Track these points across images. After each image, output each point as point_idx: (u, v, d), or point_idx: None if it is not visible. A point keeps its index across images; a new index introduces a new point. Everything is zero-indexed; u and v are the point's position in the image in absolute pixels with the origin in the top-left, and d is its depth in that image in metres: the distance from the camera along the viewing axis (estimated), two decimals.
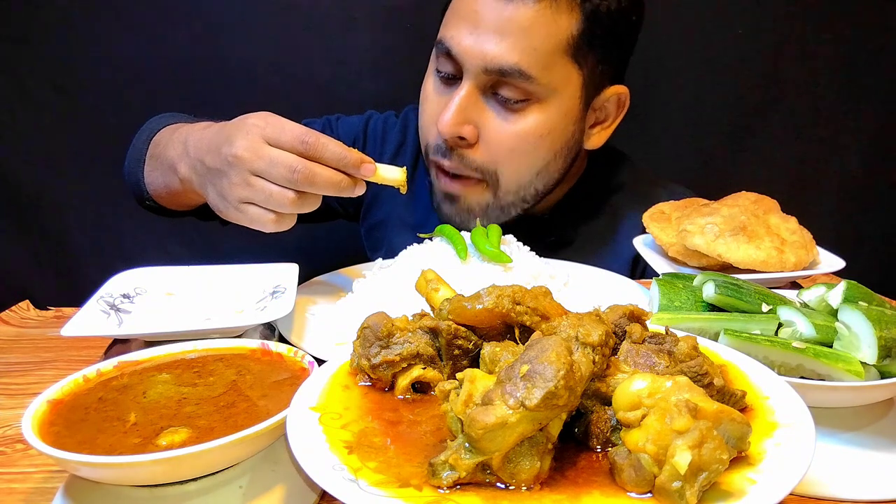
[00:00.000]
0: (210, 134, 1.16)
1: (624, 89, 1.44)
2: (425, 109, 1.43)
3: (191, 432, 0.65)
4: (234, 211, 1.11)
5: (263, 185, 1.06)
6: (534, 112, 1.33)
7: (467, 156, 1.36)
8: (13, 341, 1.13)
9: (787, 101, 2.16)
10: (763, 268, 1.15)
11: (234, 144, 1.07)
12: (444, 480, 0.51)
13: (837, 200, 2.26)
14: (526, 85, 1.29)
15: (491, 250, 1.15)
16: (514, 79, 1.28)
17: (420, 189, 1.64)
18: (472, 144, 1.35)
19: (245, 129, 1.08)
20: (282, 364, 0.79)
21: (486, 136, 1.34)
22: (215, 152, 1.11)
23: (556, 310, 0.68)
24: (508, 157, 1.36)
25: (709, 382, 0.60)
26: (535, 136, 1.35)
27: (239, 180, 1.07)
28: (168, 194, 1.37)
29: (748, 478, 0.51)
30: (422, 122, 1.45)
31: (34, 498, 0.72)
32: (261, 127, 1.07)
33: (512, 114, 1.33)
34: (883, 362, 0.76)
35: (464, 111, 1.31)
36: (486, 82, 1.31)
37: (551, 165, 1.41)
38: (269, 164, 1.05)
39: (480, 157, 1.36)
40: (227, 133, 1.10)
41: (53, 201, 2.12)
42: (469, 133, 1.33)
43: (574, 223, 1.56)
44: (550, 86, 1.31)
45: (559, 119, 1.36)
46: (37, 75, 2.02)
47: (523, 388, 0.51)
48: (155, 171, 1.36)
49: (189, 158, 1.20)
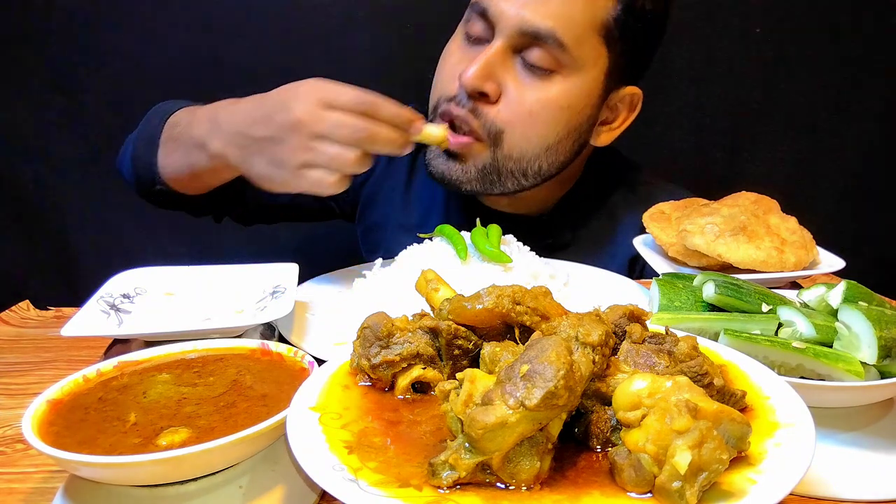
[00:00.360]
0: (248, 107, 1.18)
1: (638, 91, 1.45)
2: (445, 64, 1.40)
3: (191, 432, 0.65)
4: (292, 177, 1.13)
5: (326, 148, 1.09)
6: (558, 82, 1.33)
7: (482, 111, 1.33)
8: (13, 341, 1.13)
9: (787, 101, 2.16)
10: (763, 268, 1.15)
11: (292, 110, 1.10)
12: (444, 480, 0.51)
13: (837, 200, 2.26)
14: (557, 53, 1.29)
15: (491, 250, 1.15)
16: (546, 45, 1.28)
17: (418, 191, 1.64)
18: (492, 103, 1.33)
19: (300, 94, 1.12)
20: (282, 364, 0.79)
21: (508, 95, 1.32)
22: (265, 121, 1.13)
23: (556, 310, 0.68)
24: (524, 120, 1.33)
25: (709, 382, 0.60)
26: (556, 106, 1.34)
27: (300, 144, 1.10)
28: (190, 175, 1.35)
29: (748, 478, 0.51)
30: (439, 77, 1.42)
31: (34, 498, 0.72)
32: (317, 91, 1.11)
33: (537, 80, 1.32)
34: (883, 362, 0.76)
35: (490, 66, 1.30)
36: (518, 44, 1.30)
37: (560, 145, 1.39)
38: (333, 126, 1.08)
39: (495, 116, 1.33)
40: (279, 100, 1.13)
41: (53, 201, 2.13)
42: (492, 90, 1.31)
43: (571, 226, 1.56)
44: (579, 60, 1.32)
45: (580, 96, 1.36)
46: (37, 75, 2.02)
47: (523, 388, 0.51)
48: (175, 152, 1.34)
49: (223, 133, 1.20)
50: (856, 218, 2.29)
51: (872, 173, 2.24)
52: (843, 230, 2.24)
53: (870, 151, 2.22)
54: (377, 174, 1.67)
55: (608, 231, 1.55)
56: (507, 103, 1.32)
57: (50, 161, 2.09)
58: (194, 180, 1.37)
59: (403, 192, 1.65)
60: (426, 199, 1.63)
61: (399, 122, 1.14)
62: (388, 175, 1.66)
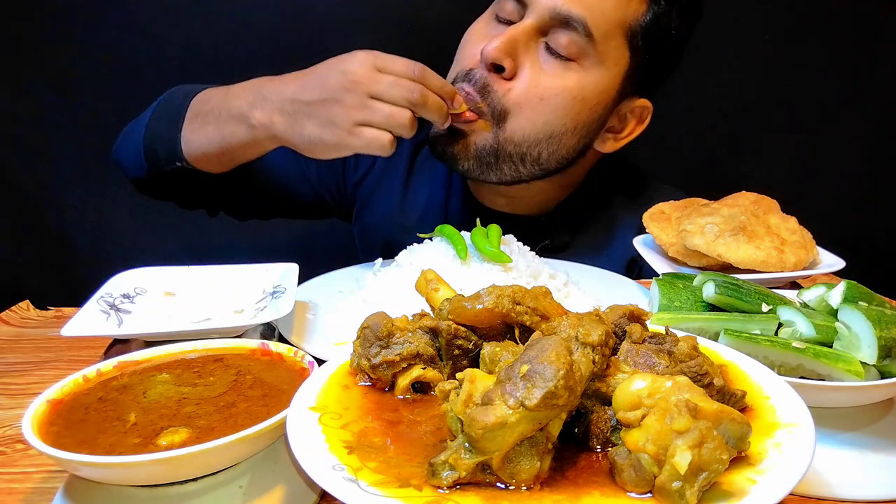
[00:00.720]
0: (296, 77, 1.25)
1: (649, 105, 1.46)
2: (469, 41, 1.41)
3: (191, 432, 0.65)
4: (347, 135, 1.17)
5: (382, 107, 1.16)
6: (577, 72, 1.33)
7: (493, 87, 1.33)
8: (13, 341, 1.13)
9: (787, 102, 2.16)
10: (763, 268, 1.15)
11: (348, 71, 1.17)
12: (444, 480, 0.51)
13: (837, 200, 2.26)
14: (582, 42, 1.30)
15: (491, 250, 1.15)
16: (574, 32, 1.29)
17: (416, 191, 1.64)
18: (505, 79, 1.33)
19: (356, 59, 1.19)
20: (282, 364, 0.79)
21: (524, 75, 1.33)
22: (320, 85, 1.19)
23: (556, 310, 0.68)
24: (534, 104, 1.33)
25: (709, 382, 0.60)
26: (569, 96, 1.34)
27: (356, 102, 1.16)
28: (220, 151, 1.34)
29: (748, 478, 0.51)
30: (460, 54, 1.42)
31: (34, 498, 0.72)
32: (371, 56, 1.18)
33: (557, 66, 1.33)
34: (883, 362, 0.76)
35: (514, 43, 1.31)
36: (547, 26, 1.31)
37: (564, 137, 1.38)
38: (389, 86, 1.16)
39: (504, 94, 1.33)
40: (332, 66, 1.20)
41: (53, 201, 2.13)
42: (509, 66, 1.31)
43: (569, 228, 1.56)
44: (602, 55, 1.33)
45: (595, 92, 1.36)
46: (37, 75, 2.02)
47: (523, 388, 0.51)
48: (206, 126, 1.34)
49: (270, 103, 1.24)
50: (856, 218, 2.28)
51: (872, 173, 2.24)
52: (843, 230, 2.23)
53: (870, 151, 2.22)
54: (373, 174, 1.67)
55: (606, 234, 1.55)
56: (521, 83, 1.33)
57: (50, 161, 2.09)
58: (223, 156, 1.36)
59: (401, 193, 1.65)
60: (424, 199, 1.63)
61: (445, 91, 1.23)
62: (385, 175, 1.66)
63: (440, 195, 1.61)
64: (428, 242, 1.25)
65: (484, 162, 1.37)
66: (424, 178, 1.65)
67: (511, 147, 1.36)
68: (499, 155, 1.37)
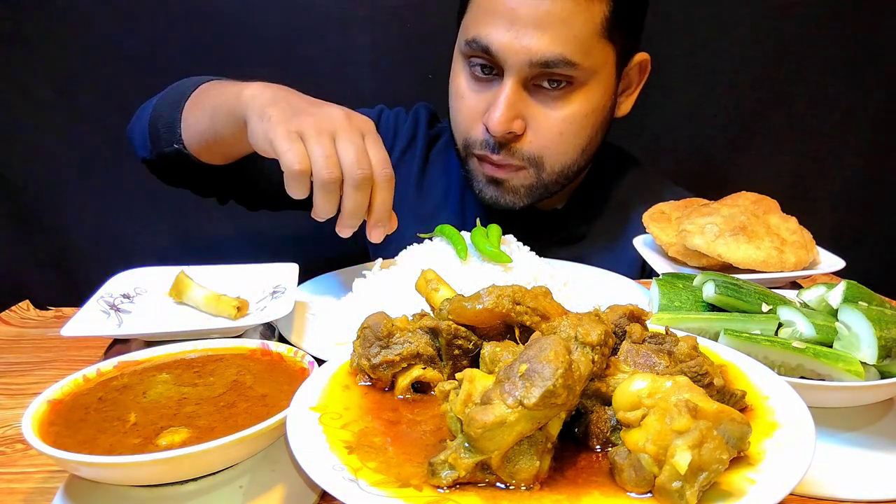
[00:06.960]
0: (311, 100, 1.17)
1: (646, 56, 1.48)
2: (462, 106, 1.44)
3: (191, 432, 0.65)
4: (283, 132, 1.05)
5: (328, 143, 1.04)
6: (577, 95, 1.37)
7: (515, 147, 1.39)
8: (13, 341, 1.13)
9: (787, 102, 2.16)
10: (763, 268, 1.15)
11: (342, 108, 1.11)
12: (443, 480, 0.51)
13: (837, 200, 2.26)
14: (570, 72, 1.32)
15: (491, 250, 1.15)
16: (558, 68, 1.31)
17: (430, 184, 1.65)
18: (520, 136, 1.38)
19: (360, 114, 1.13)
20: (282, 364, 0.79)
21: (534, 125, 1.37)
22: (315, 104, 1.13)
23: (556, 310, 0.68)
24: (556, 141, 1.39)
25: (709, 382, 0.60)
26: (581, 117, 1.38)
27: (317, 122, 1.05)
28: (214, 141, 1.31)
29: (748, 478, 0.51)
30: (459, 119, 1.46)
31: (34, 498, 0.72)
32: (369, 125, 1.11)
33: (556, 101, 1.36)
34: (883, 362, 0.76)
35: (512, 107, 1.34)
36: (529, 75, 1.33)
37: (593, 140, 1.46)
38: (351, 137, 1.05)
39: (528, 147, 1.39)
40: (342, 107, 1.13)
41: (53, 201, 2.12)
42: (518, 127, 1.36)
43: (585, 219, 1.59)
44: (592, 69, 1.35)
45: (600, 97, 1.40)
46: (37, 75, 2.02)
47: (522, 387, 0.51)
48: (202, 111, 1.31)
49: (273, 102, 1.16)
50: (856, 218, 2.28)
51: (872, 174, 2.24)
52: (843, 230, 2.24)
53: (870, 152, 2.22)
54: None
55: (621, 224, 1.57)
56: (536, 132, 1.38)
57: (50, 161, 2.09)
58: (216, 145, 1.33)
59: (416, 184, 1.68)
60: (441, 190, 1.65)
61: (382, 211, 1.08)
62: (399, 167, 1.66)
63: (456, 186, 1.64)
64: (428, 242, 1.25)
65: (535, 195, 1.46)
66: (439, 169, 1.68)
67: (554, 176, 1.45)
68: (547, 186, 1.46)
